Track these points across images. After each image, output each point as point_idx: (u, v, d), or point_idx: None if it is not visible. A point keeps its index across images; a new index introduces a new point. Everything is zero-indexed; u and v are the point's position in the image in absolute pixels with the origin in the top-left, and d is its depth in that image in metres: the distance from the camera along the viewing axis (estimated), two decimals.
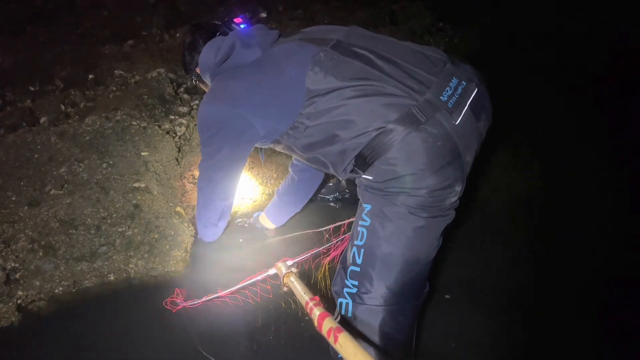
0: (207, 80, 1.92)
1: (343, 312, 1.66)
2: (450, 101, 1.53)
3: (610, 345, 2.06)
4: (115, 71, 3.72)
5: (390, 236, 1.57)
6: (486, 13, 4.94)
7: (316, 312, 1.37)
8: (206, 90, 2.04)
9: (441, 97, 1.52)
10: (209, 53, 1.82)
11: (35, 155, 2.65)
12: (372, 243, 1.60)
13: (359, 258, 1.63)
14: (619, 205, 2.77)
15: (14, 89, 3.55)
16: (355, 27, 1.78)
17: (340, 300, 1.68)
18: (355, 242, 1.64)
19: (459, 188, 1.58)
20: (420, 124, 1.47)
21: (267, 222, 2.48)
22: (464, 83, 1.59)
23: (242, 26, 1.94)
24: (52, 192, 2.47)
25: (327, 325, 1.27)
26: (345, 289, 1.66)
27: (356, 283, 1.63)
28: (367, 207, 1.63)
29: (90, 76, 3.72)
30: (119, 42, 4.30)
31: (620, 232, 2.59)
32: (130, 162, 2.66)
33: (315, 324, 1.34)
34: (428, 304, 2.15)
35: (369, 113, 1.52)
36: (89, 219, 2.34)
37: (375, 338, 1.61)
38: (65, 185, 2.50)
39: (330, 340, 1.22)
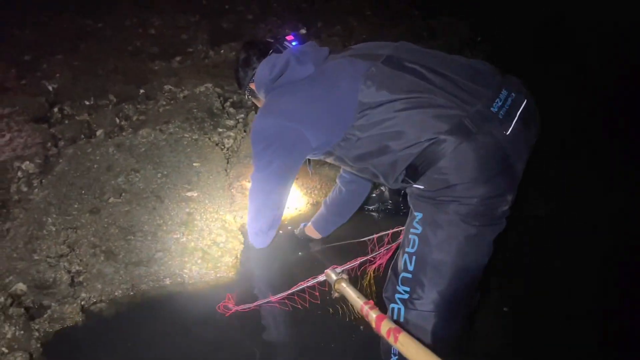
0: (261, 95, 2.00)
1: (395, 317, 1.68)
2: (501, 112, 1.56)
3: None
4: (165, 86, 3.90)
5: (441, 244, 1.60)
6: (524, 26, 4.95)
7: (373, 315, 1.43)
8: (259, 105, 2.13)
9: (492, 108, 1.55)
10: (264, 70, 1.90)
11: (95, 166, 2.81)
12: (424, 250, 1.63)
13: (411, 265, 1.65)
14: None
15: (71, 103, 3.74)
16: (404, 42, 1.83)
17: (392, 305, 1.70)
18: (407, 250, 1.67)
19: (510, 197, 1.60)
20: (471, 134, 1.51)
21: (314, 232, 2.55)
22: (514, 94, 1.63)
23: (293, 43, 2.02)
24: (111, 200, 2.61)
25: (385, 327, 1.33)
26: (397, 295, 1.69)
27: (408, 289, 1.66)
28: (419, 215, 1.66)
29: (142, 91, 3.90)
30: (167, 59, 4.49)
31: None
32: (183, 173, 2.79)
33: (373, 325, 1.40)
34: (486, 315, 2.16)
35: (420, 124, 1.56)
36: (145, 226, 2.47)
37: (427, 343, 1.61)
38: (123, 194, 2.64)
39: (390, 340, 1.29)
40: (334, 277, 1.78)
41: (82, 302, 2.20)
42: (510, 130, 1.55)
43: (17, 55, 4.77)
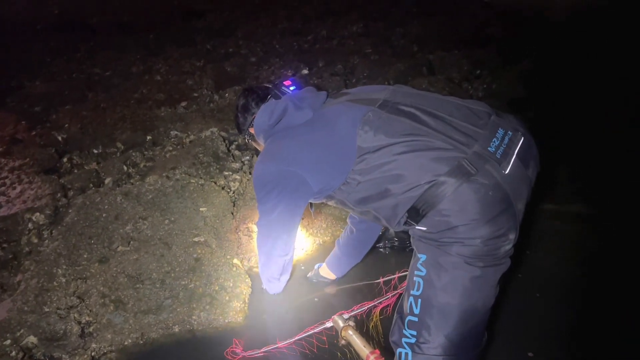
0: (261, 140, 2.04)
1: (403, 359, 1.66)
2: (498, 152, 1.58)
3: None
4: (171, 132, 3.99)
5: (446, 286, 1.59)
6: (523, 58, 5.02)
7: None
8: (259, 149, 2.17)
9: (489, 148, 1.57)
10: (263, 116, 1.94)
11: (103, 215, 2.85)
12: (429, 293, 1.62)
13: (417, 308, 1.64)
14: None
15: (80, 152, 3.83)
16: (399, 85, 1.88)
17: (399, 350, 1.69)
18: (412, 292, 1.66)
19: (512, 236, 1.60)
20: (470, 175, 1.52)
21: (329, 273, 2.54)
22: (510, 133, 1.64)
23: (292, 88, 2.07)
24: (120, 248, 2.65)
25: None
26: (404, 339, 1.67)
27: (414, 333, 1.64)
28: (422, 257, 1.66)
29: (148, 137, 3.99)
30: (172, 104, 4.59)
31: None
32: (190, 218, 2.82)
33: None
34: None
35: (419, 167, 1.57)
36: (154, 274, 2.49)
37: None
38: (132, 242, 2.67)
39: None
40: (341, 324, 1.79)
41: (93, 353, 2.21)
42: (509, 169, 1.57)
43: (28, 107, 4.93)
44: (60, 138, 4.05)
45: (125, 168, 3.51)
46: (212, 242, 2.72)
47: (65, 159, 3.74)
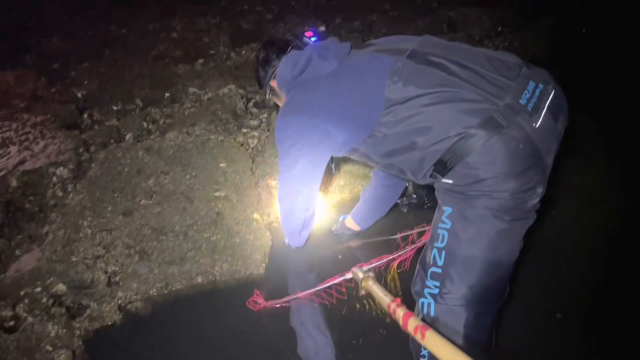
0: (283, 93, 1.98)
1: (425, 312, 1.67)
2: (530, 104, 1.54)
3: None
4: (189, 89, 3.99)
5: (472, 239, 1.58)
6: (545, 15, 4.89)
7: (400, 312, 1.45)
8: (279, 104, 2.11)
9: (520, 101, 1.53)
10: (286, 66, 1.88)
11: (126, 169, 2.90)
12: (453, 246, 1.61)
13: (440, 260, 1.63)
14: None
15: (100, 109, 3.86)
16: (427, 36, 1.80)
17: (421, 300, 1.69)
18: (436, 244, 1.65)
19: (540, 190, 1.58)
20: (501, 127, 1.49)
21: (354, 224, 2.57)
22: (541, 86, 1.60)
23: (313, 39, 2.00)
24: (143, 202, 2.70)
25: (412, 324, 1.36)
26: (427, 290, 1.67)
27: (437, 284, 1.64)
28: (448, 210, 1.64)
29: (167, 94, 4.00)
30: (190, 62, 4.57)
31: None
32: (211, 173, 2.86)
33: (400, 322, 1.42)
34: (538, 322, 2.15)
35: (449, 119, 1.54)
36: (177, 226, 2.55)
37: (457, 337, 1.62)
38: (154, 196, 2.73)
39: (417, 336, 1.31)
40: (360, 275, 1.81)
41: (119, 301, 2.29)
42: (539, 122, 1.54)
43: (47, 64, 4.95)
44: (79, 95, 4.08)
45: (145, 124, 3.54)
46: (232, 197, 2.76)
47: (85, 115, 3.78)
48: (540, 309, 2.20)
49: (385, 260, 2.09)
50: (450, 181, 1.61)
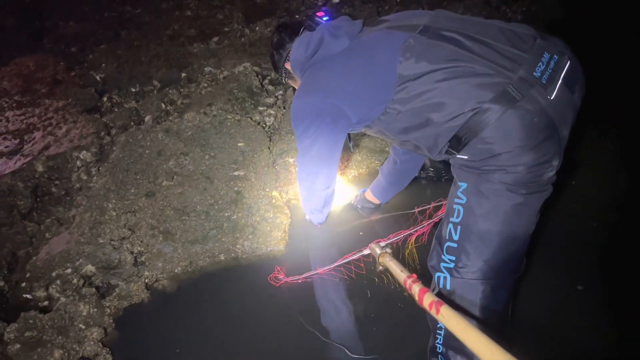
0: (297, 75, 1.98)
1: (441, 286, 1.70)
2: (544, 76, 1.52)
3: None
4: (205, 68, 4.01)
5: (487, 213, 1.59)
6: None
7: (416, 288, 1.49)
8: (295, 87, 2.11)
9: (534, 73, 1.51)
10: (299, 48, 1.88)
11: (147, 151, 2.96)
12: (469, 220, 1.62)
13: (456, 235, 1.65)
14: None
15: (119, 91, 3.92)
16: (440, 10, 1.78)
17: (437, 274, 1.71)
18: (451, 219, 1.66)
19: (556, 162, 1.57)
20: (516, 101, 1.47)
21: (373, 198, 2.61)
22: (556, 57, 1.57)
23: (325, 19, 1.99)
24: (164, 183, 2.77)
25: (428, 299, 1.39)
26: (442, 264, 1.68)
27: (453, 258, 1.65)
28: (463, 185, 1.65)
29: (183, 74, 4.03)
30: (204, 40, 4.58)
31: None
32: (229, 153, 2.91)
33: (416, 298, 1.46)
34: (559, 294, 2.17)
35: (463, 94, 1.53)
36: (198, 206, 2.61)
37: (474, 310, 1.64)
38: (175, 177, 2.79)
39: (432, 312, 1.34)
40: (378, 251, 1.84)
41: (146, 280, 2.37)
42: (554, 94, 1.52)
43: (65, 48, 5.01)
44: (98, 78, 4.13)
45: (163, 106, 3.59)
46: (251, 175, 2.81)
47: (105, 98, 3.84)
48: (562, 281, 2.22)
49: (402, 235, 2.12)
50: (466, 157, 1.61)
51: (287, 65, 2.04)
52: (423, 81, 1.59)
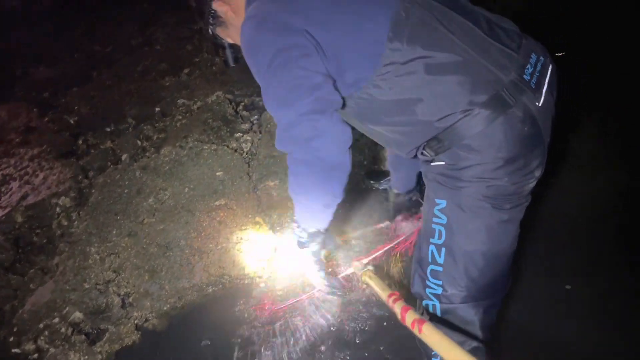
0: (240, 11, 1.54)
1: (431, 311, 1.59)
2: (532, 80, 1.39)
3: None
4: (178, 100, 4.01)
5: (472, 234, 1.47)
6: None
7: (398, 307, 1.47)
8: (230, 38, 1.67)
9: (524, 76, 1.37)
10: None
11: (125, 191, 2.95)
12: (452, 242, 1.50)
13: (440, 257, 1.52)
14: None
15: (94, 133, 3.90)
16: None
17: (425, 302, 1.60)
18: (432, 241, 1.53)
19: (539, 173, 1.47)
20: (509, 107, 1.33)
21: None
22: (542, 59, 1.45)
23: None
24: (146, 221, 2.75)
25: (410, 318, 1.38)
26: (428, 290, 1.57)
27: (440, 282, 1.54)
28: (442, 203, 1.49)
29: (157, 109, 4.02)
30: (176, 73, 4.59)
31: None
32: (208, 184, 2.91)
33: (399, 317, 1.44)
34: (548, 293, 2.17)
35: (456, 92, 1.36)
36: (182, 241, 2.60)
37: (471, 330, 1.56)
38: (156, 213, 2.78)
39: (415, 330, 1.33)
40: (360, 268, 1.85)
41: (136, 321, 2.35)
42: (542, 100, 1.40)
43: (37, 94, 4.98)
44: (72, 121, 4.11)
45: (139, 142, 3.58)
46: (232, 204, 2.80)
47: (80, 141, 3.82)
48: (550, 281, 2.23)
49: (382, 250, 2.12)
50: (443, 162, 1.46)
51: (216, 5, 1.56)
52: (412, 68, 1.35)
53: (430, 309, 1.59)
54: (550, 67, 1.47)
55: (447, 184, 1.48)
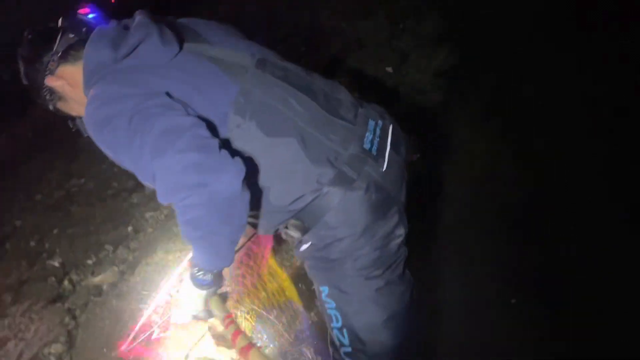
0: (77, 91, 1.50)
1: None
2: (373, 147, 1.47)
3: None
4: (146, 214, 4.18)
5: (360, 310, 1.53)
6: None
7: (230, 330, 1.55)
8: (73, 107, 1.61)
9: (364, 146, 1.45)
10: (101, 48, 1.39)
11: (107, 322, 3.07)
12: (349, 322, 1.56)
13: (345, 338, 1.59)
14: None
15: (77, 270, 4.05)
16: (264, 50, 1.55)
17: None
18: (334, 325, 1.60)
19: (401, 231, 1.55)
20: (353, 181, 1.41)
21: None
22: (380, 122, 1.54)
23: (91, 16, 1.54)
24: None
25: (240, 343, 1.48)
26: None
27: None
28: (324, 289, 1.58)
29: (129, 228, 4.20)
30: (141, 188, 4.76)
31: None
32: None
33: (230, 340, 1.52)
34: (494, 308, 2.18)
35: (303, 172, 1.41)
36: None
37: None
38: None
39: (242, 356, 1.40)
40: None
41: None
42: (385, 165, 1.49)
43: (25, 245, 5.17)
44: (56, 264, 4.27)
45: (116, 269, 3.72)
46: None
47: (65, 282, 3.96)
48: (502, 300, 2.26)
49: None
50: (309, 243, 1.54)
51: (50, 81, 1.52)
52: (256, 147, 1.40)
53: None
54: (391, 127, 1.57)
55: (321, 268, 1.57)
